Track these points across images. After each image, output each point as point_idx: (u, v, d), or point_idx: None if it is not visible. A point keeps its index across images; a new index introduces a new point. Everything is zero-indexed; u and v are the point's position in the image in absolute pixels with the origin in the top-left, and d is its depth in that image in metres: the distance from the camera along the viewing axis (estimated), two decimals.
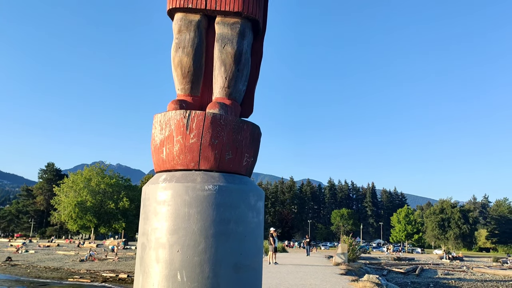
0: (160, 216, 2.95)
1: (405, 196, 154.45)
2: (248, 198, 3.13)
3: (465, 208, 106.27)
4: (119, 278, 31.07)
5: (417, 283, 33.25)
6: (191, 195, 2.93)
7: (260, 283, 3.25)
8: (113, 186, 70.64)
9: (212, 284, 2.80)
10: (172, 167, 3.09)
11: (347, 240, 30.65)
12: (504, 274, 41.85)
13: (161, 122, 3.14)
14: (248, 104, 3.71)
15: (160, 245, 2.88)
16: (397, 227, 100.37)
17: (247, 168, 3.25)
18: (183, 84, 3.38)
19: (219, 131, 3.05)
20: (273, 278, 13.40)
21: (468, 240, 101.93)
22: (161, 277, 2.81)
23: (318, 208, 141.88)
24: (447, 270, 44.66)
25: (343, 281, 13.52)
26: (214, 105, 3.15)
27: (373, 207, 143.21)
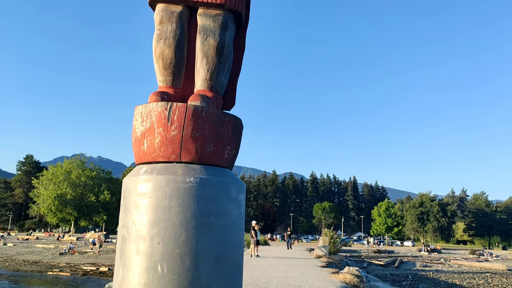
0: (141, 209, 2.93)
1: (386, 190, 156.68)
2: (229, 190, 3.13)
3: (443, 201, 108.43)
4: (99, 271, 30.82)
5: (396, 274, 33.87)
6: (172, 187, 2.92)
7: (241, 275, 3.26)
8: (93, 178, 69.82)
9: (193, 276, 2.81)
10: (153, 159, 3.08)
11: (329, 233, 30.97)
12: (480, 266, 42.92)
13: (142, 114, 3.11)
14: (230, 96, 3.70)
15: (140, 238, 2.87)
16: (378, 220, 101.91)
17: (229, 160, 3.26)
18: (164, 75, 3.35)
19: (201, 123, 3.04)
20: (254, 271, 13.48)
21: (446, 233, 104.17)
22: (142, 269, 2.80)
23: (300, 202, 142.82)
24: (426, 262, 45.58)
25: (324, 273, 13.67)
26: (196, 97, 3.13)
27: (355, 200, 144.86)
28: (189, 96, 3.30)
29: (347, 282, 11.64)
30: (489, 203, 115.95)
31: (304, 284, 10.58)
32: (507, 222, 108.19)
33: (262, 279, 11.15)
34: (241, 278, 3.26)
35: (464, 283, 30.34)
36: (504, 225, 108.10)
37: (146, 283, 2.78)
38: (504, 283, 31.38)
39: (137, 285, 2.78)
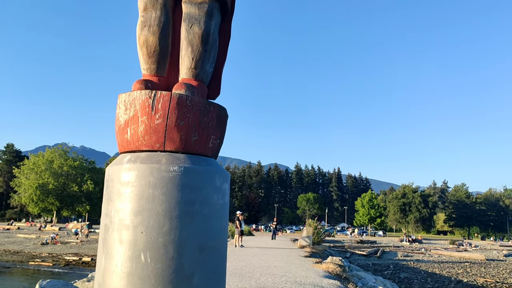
0: (124, 197, 2.91)
1: (369, 181, 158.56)
2: (214, 180, 3.13)
3: (425, 193, 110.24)
4: (82, 261, 30.61)
5: (378, 264, 34.43)
6: (156, 176, 2.90)
7: (225, 264, 3.28)
8: (76, 168, 68.98)
9: (176, 264, 2.81)
10: (136, 148, 3.05)
11: (312, 223, 31.20)
12: (459, 256, 43.89)
13: (125, 102, 3.08)
14: (215, 86, 3.67)
15: (123, 227, 2.85)
16: (361, 211, 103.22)
17: (213, 150, 3.25)
18: (148, 64, 3.31)
19: (185, 112, 3.02)
20: (238, 261, 13.54)
21: (427, 224, 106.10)
22: (125, 258, 2.79)
23: (285, 192, 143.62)
24: (407, 252, 46.38)
25: (307, 263, 13.82)
26: (181, 86, 3.10)
27: (339, 191, 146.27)
28: (173, 84, 3.27)
29: (330, 272, 11.78)
30: (469, 194, 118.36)
31: (287, 273, 10.68)
32: (486, 213, 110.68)
33: (246, 269, 11.21)
34: (225, 267, 3.27)
35: (443, 272, 31.00)
36: (483, 216, 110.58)
37: (129, 272, 2.77)
38: (483, 272, 32.17)
39: (120, 274, 2.77)
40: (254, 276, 9.86)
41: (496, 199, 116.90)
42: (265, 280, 9.23)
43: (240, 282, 8.72)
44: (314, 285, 8.77)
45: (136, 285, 2.74)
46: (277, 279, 9.50)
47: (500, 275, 31.15)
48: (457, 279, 28.06)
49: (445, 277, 28.77)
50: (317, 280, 9.65)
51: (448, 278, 28.35)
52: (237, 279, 9.23)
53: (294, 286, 8.57)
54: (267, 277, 9.67)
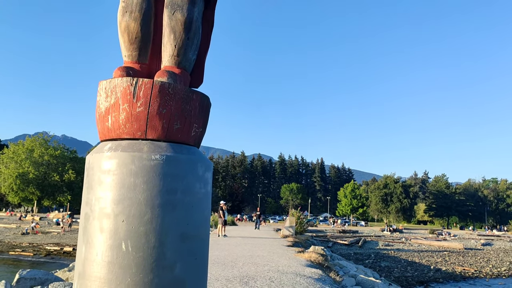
0: (105, 186, 2.87)
1: (352, 172, 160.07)
2: (196, 168, 3.11)
3: (406, 183, 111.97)
4: (63, 251, 30.31)
5: (359, 253, 34.95)
6: (137, 164, 2.87)
7: (207, 253, 3.28)
8: (57, 157, 67.96)
9: (157, 253, 2.79)
10: (117, 136, 3.01)
11: (295, 213, 31.45)
12: (438, 245, 44.84)
13: (106, 89, 3.02)
14: (198, 74, 3.64)
15: (104, 215, 2.82)
16: (343, 201, 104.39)
17: (196, 138, 3.22)
18: (130, 50, 3.25)
19: (168, 100, 2.98)
20: (221, 250, 13.58)
21: (408, 214, 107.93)
22: (105, 247, 2.76)
23: (268, 183, 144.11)
24: (388, 241, 47.18)
25: (290, 253, 13.94)
26: (163, 73, 3.06)
27: (322, 182, 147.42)
28: (155, 72, 3.22)
29: (312, 261, 11.91)
30: (449, 185, 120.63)
31: (270, 262, 10.76)
32: (465, 203, 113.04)
33: (229, 258, 11.26)
34: (207, 256, 3.27)
35: (423, 261, 31.65)
36: (462, 206, 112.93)
37: (110, 261, 2.75)
38: (461, 260, 32.95)
39: (100, 263, 2.75)
40: (236, 265, 9.91)
41: (475, 190, 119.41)
42: (247, 269, 9.28)
43: (222, 271, 8.76)
44: (296, 274, 8.85)
45: (117, 274, 2.72)
46: (260, 268, 9.56)
47: (477, 263, 31.95)
48: (436, 268, 28.69)
49: (424, 266, 29.39)
50: (299, 269, 9.75)
51: (427, 267, 28.96)
52: (219, 268, 9.26)
53: (277, 275, 8.64)
54: (249, 266, 9.73)
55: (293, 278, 8.23)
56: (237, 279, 7.88)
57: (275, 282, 7.76)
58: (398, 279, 23.35)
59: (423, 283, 23.82)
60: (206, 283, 3.25)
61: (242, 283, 7.47)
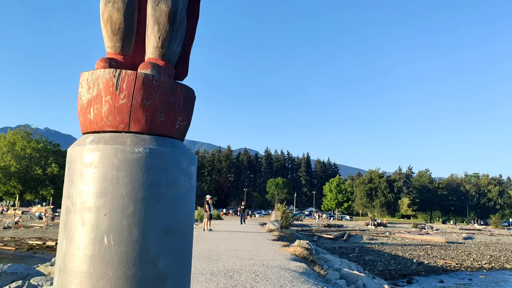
0: (87, 179, 2.83)
1: (337, 167, 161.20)
2: (180, 162, 3.08)
3: (391, 178, 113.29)
4: (46, 245, 29.95)
5: (344, 247, 35.29)
6: (120, 157, 2.83)
7: (191, 247, 3.26)
8: (40, 151, 66.95)
9: (140, 247, 2.76)
10: (100, 129, 2.96)
11: (281, 208, 31.56)
12: (421, 238, 45.52)
13: (88, 81, 2.97)
14: (183, 66, 3.59)
15: (86, 209, 2.78)
16: (329, 196, 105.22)
17: (180, 131, 3.19)
18: (113, 41, 3.19)
19: (151, 92, 2.94)
20: (206, 244, 13.57)
21: (392, 208, 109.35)
22: (87, 241, 2.72)
23: (254, 177, 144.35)
24: (372, 235, 47.73)
25: (275, 246, 13.99)
26: (147, 65, 3.01)
27: (307, 176, 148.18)
28: (139, 64, 3.17)
29: (297, 255, 11.97)
30: (432, 180, 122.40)
31: (255, 256, 10.78)
32: (447, 198, 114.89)
33: (214, 252, 11.25)
34: (191, 250, 3.25)
35: (406, 255, 32.11)
36: (445, 200, 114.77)
37: (92, 255, 2.71)
38: (443, 254, 33.52)
39: (82, 257, 2.71)
40: (221, 259, 9.91)
41: (457, 184, 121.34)
42: (232, 263, 9.29)
43: (207, 265, 8.75)
44: (281, 268, 8.89)
45: (99, 268, 2.68)
46: (245, 262, 9.58)
47: (459, 257, 32.54)
48: (419, 261, 29.13)
49: (407, 259, 29.81)
50: (284, 263, 9.79)
51: (410, 260, 29.38)
52: (204, 262, 9.25)
53: (262, 268, 8.67)
54: (234, 260, 9.73)
55: (278, 272, 8.26)
56: (221, 273, 7.88)
57: (259, 276, 7.78)
58: (381, 273, 23.65)
59: (406, 276, 24.17)
60: (189, 277, 3.24)
61: (227, 277, 7.48)
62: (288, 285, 7.07)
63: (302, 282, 7.43)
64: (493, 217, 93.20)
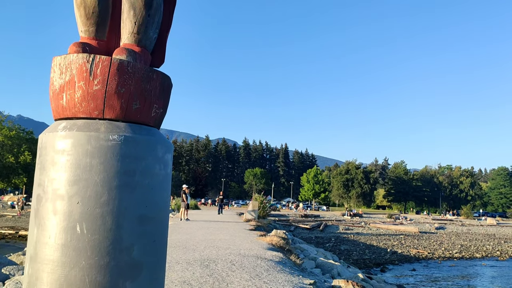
0: (59, 166, 2.76)
1: (315, 158, 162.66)
2: (156, 150, 3.04)
3: (367, 169, 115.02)
4: (19, 235, 29.40)
5: (320, 237, 35.76)
6: (93, 145, 2.77)
7: (166, 236, 3.23)
8: (12, 138, 65.30)
9: (114, 236, 2.73)
10: (73, 115, 2.89)
11: (259, 198, 31.68)
12: (395, 228, 46.50)
13: (61, 66, 2.88)
14: (159, 53, 3.53)
15: (58, 197, 2.72)
16: (306, 187, 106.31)
17: (156, 119, 3.14)
18: (87, 26, 3.10)
19: (126, 79, 2.88)
20: (183, 234, 13.54)
21: (368, 199, 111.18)
22: (59, 229, 2.67)
23: (233, 167, 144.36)
24: (348, 225, 48.46)
25: (252, 236, 14.06)
26: (122, 51, 2.94)
27: (285, 167, 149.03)
28: (114, 49, 3.09)
29: (273, 244, 12.06)
30: (407, 171, 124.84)
31: (232, 246, 10.82)
32: (421, 189, 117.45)
33: (191, 242, 11.23)
34: (166, 238, 3.23)
35: (380, 244, 32.77)
36: (419, 191, 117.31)
37: (64, 243, 2.66)
38: (416, 244, 34.34)
39: (53, 246, 2.66)
40: (198, 248, 9.90)
41: (431, 176, 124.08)
42: (209, 252, 9.30)
43: (184, 255, 8.73)
44: (258, 257, 8.95)
45: (71, 256, 2.64)
46: (221, 251, 9.60)
47: (431, 246, 33.42)
48: (393, 250, 29.78)
49: (381, 249, 30.44)
50: (261, 252, 9.86)
51: (384, 250, 30.01)
52: (181, 251, 9.23)
53: (238, 258, 8.70)
54: (211, 250, 9.74)
55: (254, 261, 8.31)
56: (198, 262, 7.87)
57: (236, 265, 7.82)
58: (356, 262, 24.09)
59: (380, 265, 24.70)
60: (164, 266, 3.22)
61: (203, 266, 7.48)
62: (264, 273, 7.12)
63: (278, 271, 7.49)
64: (464, 208, 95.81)
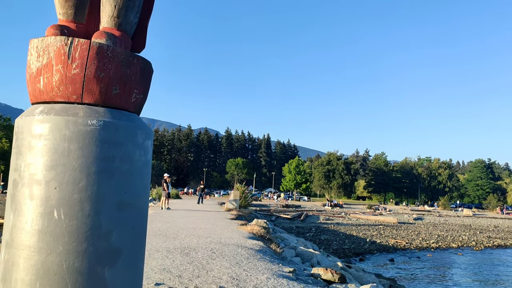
0: (36, 151, 2.72)
1: (297, 148, 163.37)
2: (136, 135, 3.01)
3: (348, 160, 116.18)
4: None
5: (301, 227, 36.09)
6: (72, 129, 2.73)
7: (145, 222, 3.22)
8: None
9: (93, 221, 2.70)
10: (50, 99, 2.83)
11: (240, 187, 31.73)
12: (375, 219, 47.23)
13: (38, 48, 2.82)
14: (140, 38, 3.48)
15: (34, 182, 2.68)
16: (288, 177, 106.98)
17: (136, 105, 3.10)
18: (65, 8, 3.03)
19: (106, 63, 2.83)
20: (164, 223, 13.49)
21: (348, 190, 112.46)
22: (35, 215, 2.63)
23: (214, 157, 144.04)
24: (328, 216, 49.01)
25: (233, 225, 14.11)
26: (101, 34, 2.89)
27: (267, 157, 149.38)
28: (93, 33, 3.04)
29: (254, 233, 12.13)
30: (387, 163, 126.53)
31: (212, 234, 10.84)
32: (401, 180, 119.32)
33: (171, 230, 11.21)
34: (145, 225, 3.21)
35: (360, 234, 33.27)
36: (398, 183, 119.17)
37: (41, 229, 2.63)
38: (394, 234, 34.97)
39: (30, 231, 2.62)
40: (179, 237, 9.89)
41: (411, 168, 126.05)
42: (189, 241, 9.30)
43: (164, 243, 8.72)
44: (238, 246, 8.99)
45: (48, 242, 2.61)
46: (202, 240, 9.61)
47: (409, 236, 34.07)
48: (372, 240, 30.27)
49: (361, 239, 30.91)
50: (241, 240, 9.90)
51: (364, 240, 30.49)
52: (161, 240, 9.20)
53: (218, 246, 8.73)
54: (191, 238, 9.75)
55: (234, 250, 8.35)
56: (178, 250, 7.87)
57: (216, 253, 7.84)
58: (336, 251, 24.42)
59: (359, 254, 25.10)
60: (143, 252, 3.21)
61: (183, 254, 7.48)
62: (244, 262, 7.16)
63: (258, 259, 7.55)
64: (442, 199, 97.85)
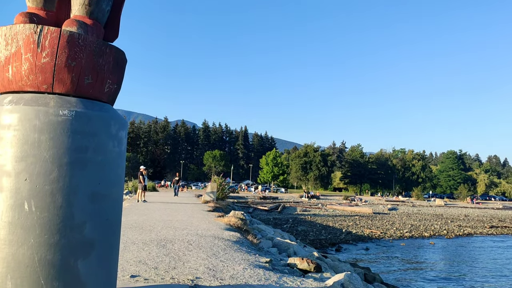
0: (5, 142, 2.66)
1: (274, 140, 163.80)
2: (109, 126, 2.98)
3: (325, 152, 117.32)
4: None
5: (278, 219, 36.34)
6: (42, 120, 2.68)
7: (120, 214, 3.19)
8: None
9: (65, 213, 2.67)
10: (19, 89, 2.77)
11: (217, 179, 31.66)
12: (351, 210, 47.96)
13: (6, 37, 2.75)
14: (113, 27, 3.42)
15: (4, 173, 2.62)
16: (265, 169, 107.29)
17: (109, 95, 3.06)
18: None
19: (77, 52, 2.78)
20: (140, 215, 13.38)
21: (325, 181, 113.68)
22: (5, 207, 2.58)
23: (192, 149, 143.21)
24: (305, 207, 49.47)
25: (210, 217, 14.10)
26: (72, 22, 2.83)
27: (245, 149, 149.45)
28: (64, 21, 2.98)
29: (231, 225, 12.16)
30: (363, 154, 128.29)
31: (189, 226, 10.81)
32: (376, 172, 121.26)
33: (147, 223, 11.13)
34: (120, 216, 3.19)
35: (336, 225, 33.75)
36: (374, 174, 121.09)
37: (11, 221, 2.58)
38: (369, 224, 35.61)
39: (0, 224, 2.57)
40: (155, 229, 9.83)
41: (386, 159, 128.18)
42: (166, 233, 9.26)
43: (140, 235, 8.65)
44: (215, 237, 9.00)
45: (19, 235, 2.57)
46: (178, 232, 9.58)
47: (384, 226, 34.76)
48: (348, 231, 30.76)
49: (337, 229, 31.36)
50: (218, 232, 9.91)
51: (340, 230, 30.95)
52: (137, 232, 9.13)
53: (195, 238, 8.72)
54: (168, 230, 9.70)
55: (211, 241, 8.35)
56: (154, 242, 7.83)
57: (193, 244, 7.83)
58: (313, 242, 24.72)
59: (335, 244, 25.48)
60: (118, 244, 3.18)
61: (160, 246, 7.45)
62: (221, 253, 7.18)
63: (235, 250, 7.58)
64: (416, 190, 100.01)
